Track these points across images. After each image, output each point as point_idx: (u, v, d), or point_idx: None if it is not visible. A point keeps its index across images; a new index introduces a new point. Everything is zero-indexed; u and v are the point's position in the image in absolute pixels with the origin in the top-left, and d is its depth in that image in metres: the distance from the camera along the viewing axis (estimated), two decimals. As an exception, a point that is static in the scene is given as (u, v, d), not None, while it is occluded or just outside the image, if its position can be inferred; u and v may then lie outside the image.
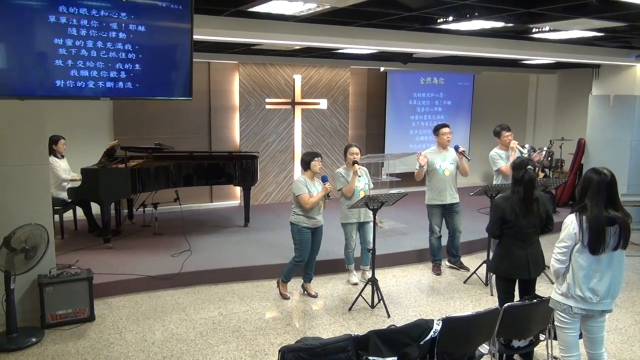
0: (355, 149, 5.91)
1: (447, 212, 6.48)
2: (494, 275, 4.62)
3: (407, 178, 10.55)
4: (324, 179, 5.52)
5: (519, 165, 4.37)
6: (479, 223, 8.25)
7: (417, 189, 11.62)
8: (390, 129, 10.65)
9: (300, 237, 5.56)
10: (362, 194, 5.84)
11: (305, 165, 5.56)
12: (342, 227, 6.12)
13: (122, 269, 6.11)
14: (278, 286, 5.83)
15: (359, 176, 5.85)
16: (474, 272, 6.40)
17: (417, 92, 10.91)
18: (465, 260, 7.01)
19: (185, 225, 7.92)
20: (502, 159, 6.57)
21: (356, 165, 5.80)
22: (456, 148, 6.35)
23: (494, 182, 6.68)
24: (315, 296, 5.84)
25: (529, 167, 4.31)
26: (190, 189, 7.96)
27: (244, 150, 9.31)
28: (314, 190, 5.50)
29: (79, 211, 7.67)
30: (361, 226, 6.06)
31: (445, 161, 6.38)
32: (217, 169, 7.76)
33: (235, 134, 9.59)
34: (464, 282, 6.34)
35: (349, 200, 5.89)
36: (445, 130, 6.38)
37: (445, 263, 6.87)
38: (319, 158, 5.54)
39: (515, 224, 4.34)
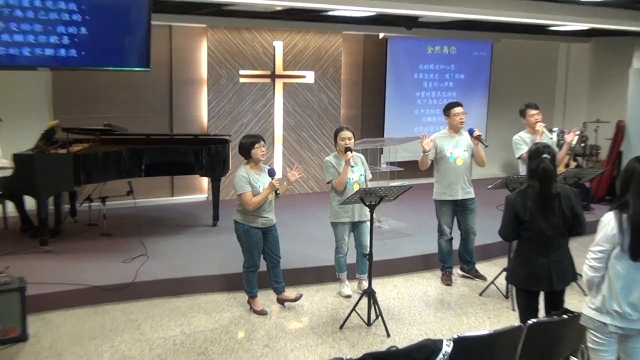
0: (347, 133, 5.89)
1: (459, 209, 6.48)
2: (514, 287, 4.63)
3: (411, 167, 10.49)
4: (271, 173, 5.51)
5: (534, 154, 4.37)
6: (498, 223, 8.24)
7: (424, 181, 11.61)
8: (391, 108, 10.62)
9: (247, 238, 5.57)
10: (356, 187, 5.81)
11: (245, 152, 5.53)
12: (332, 227, 6.10)
13: (63, 277, 6.05)
14: (250, 304, 5.82)
15: (352, 166, 5.82)
16: (492, 282, 6.42)
17: (424, 63, 10.87)
18: (481, 267, 7.01)
19: (140, 225, 7.85)
20: (526, 144, 6.55)
21: (349, 152, 5.77)
22: (470, 132, 6.33)
23: (521, 173, 6.66)
24: (298, 298, 5.87)
25: (545, 155, 4.31)
26: (146, 180, 7.87)
27: (212, 133, 9.23)
28: (259, 185, 5.50)
29: (10, 206, 7.57)
30: (355, 226, 6.04)
31: (457, 148, 6.37)
32: (180, 156, 7.70)
33: (202, 113, 9.51)
34: (480, 294, 6.35)
35: (340, 195, 5.86)
36: (458, 110, 6.35)
37: (457, 271, 6.88)
38: (262, 143, 5.52)
39: (532, 225, 4.34)
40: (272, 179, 5.46)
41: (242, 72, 9.63)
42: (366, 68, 10.65)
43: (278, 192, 5.49)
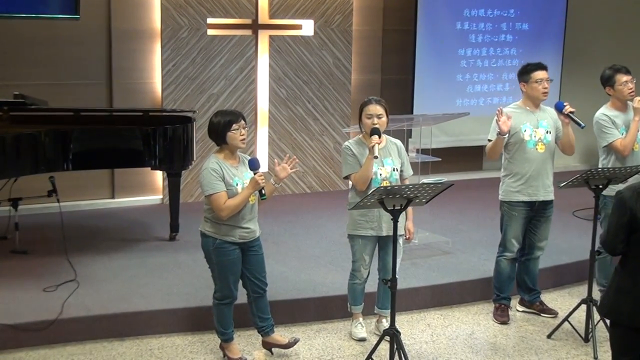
0: (376, 108, 5.90)
1: (534, 215, 6.54)
2: (608, 322, 4.66)
3: (452, 157, 10.54)
4: (253, 165, 5.51)
5: None
6: (574, 236, 8.29)
7: (470, 176, 11.61)
8: (424, 72, 10.65)
9: (220, 258, 5.57)
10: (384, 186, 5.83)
11: (218, 136, 5.54)
12: (349, 241, 6.16)
13: (-41, 313, 6.09)
14: (223, 350, 5.87)
15: (376, 157, 5.81)
16: (566, 319, 6.45)
17: (472, 7, 10.92)
18: (549, 298, 7.08)
19: (68, 238, 7.86)
20: (615, 126, 6.60)
21: (375, 137, 5.79)
22: (560, 107, 6.32)
23: (601, 165, 6.70)
24: (292, 344, 5.88)
25: None
26: (76, 174, 7.93)
27: (169, 108, 9.28)
28: (237, 182, 5.51)
29: None
30: (383, 243, 6.06)
31: (539, 128, 6.40)
32: (123, 141, 7.72)
33: (154, 79, 9.57)
34: (549, 336, 6.39)
35: (360, 195, 5.86)
36: (541, 74, 6.37)
37: (515, 304, 6.94)
38: (242, 122, 5.53)
39: None
40: (255, 174, 5.51)
41: (210, 20, 9.64)
42: (388, 15, 10.68)
43: (263, 192, 5.51)
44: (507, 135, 6.22)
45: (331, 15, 10.21)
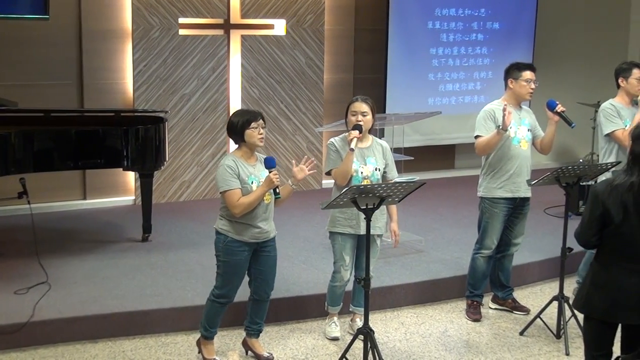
0: (360, 106, 5.92)
1: (512, 212, 6.59)
2: (581, 317, 4.68)
3: (423, 155, 10.56)
4: (269, 164, 5.49)
5: None
6: (545, 233, 8.35)
7: (441, 175, 11.67)
8: (396, 71, 10.68)
9: (227, 256, 5.55)
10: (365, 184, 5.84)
11: (236, 134, 5.55)
12: (330, 239, 6.16)
13: None
14: (199, 346, 5.86)
15: (352, 149, 5.81)
16: (538, 316, 6.50)
17: (442, 7, 10.94)
18: (521, 296, 7.12)
19: (39, 240, 7.82)
20: (619, 116, 6.65)
21: (355, 131, 5.79)
22: (552, 105, 6.35)
23: (602, 157, 6.79)
24: (266, 359, 5.88)
25: None
26: (46, 176, 7.89)
27: (141, 109, 9.25)
28: (252, 180, 5.50)
29: None
30: (362, 243, 6.02)
31: (521, 126, 6.46)
32: (95, 141, 7.69)
33: (125, 80, 9.52)
34: (521, 333, 6.44)
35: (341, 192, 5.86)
36: (530, 74, 6.42)
37: (487, 302, 6.97)
38: (260, 121, 5.54)
39: (625, 231, 4.41)
40: (270, 172, 5.47)
41: (182, 20, 9.62)
42: (360, 14, 10.69)
43: (278, 191, 5.48)
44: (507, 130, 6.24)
45: (303, 14, 10.22)
